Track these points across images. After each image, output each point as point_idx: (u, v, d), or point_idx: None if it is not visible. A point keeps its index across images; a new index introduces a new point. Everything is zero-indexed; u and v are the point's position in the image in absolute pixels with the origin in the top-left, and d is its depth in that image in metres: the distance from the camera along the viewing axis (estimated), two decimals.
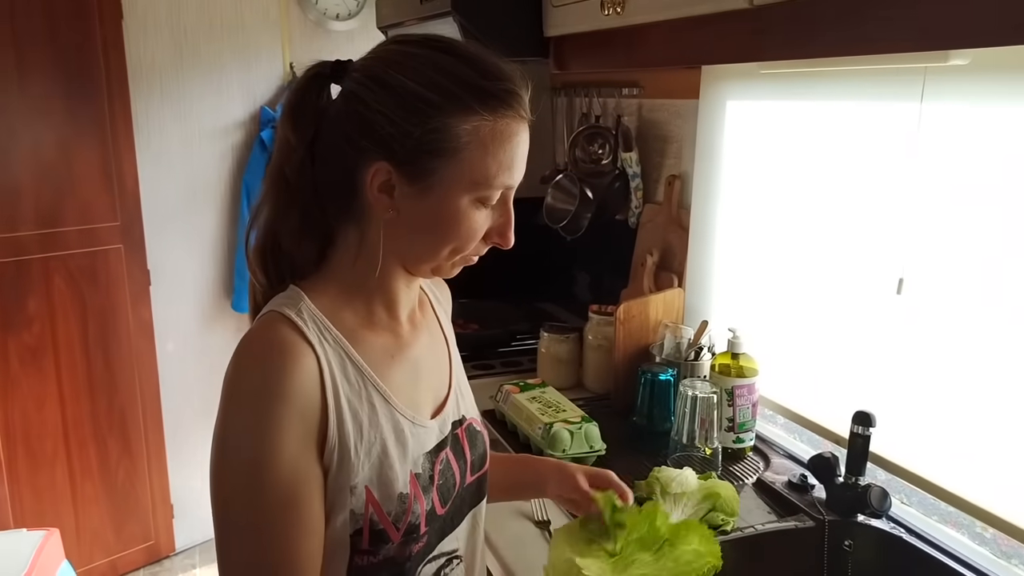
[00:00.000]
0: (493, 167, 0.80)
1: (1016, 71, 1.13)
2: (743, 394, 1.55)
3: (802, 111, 1.55)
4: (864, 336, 1.46)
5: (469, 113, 0.78)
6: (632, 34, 1.49)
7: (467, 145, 0.78)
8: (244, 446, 0.77)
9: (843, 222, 1.48)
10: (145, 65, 2.68)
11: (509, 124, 0.80)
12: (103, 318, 2.69)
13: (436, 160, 0.79)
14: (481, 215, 0.83)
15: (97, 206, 2.62)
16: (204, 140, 2.84)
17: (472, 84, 0.79)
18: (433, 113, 0.77)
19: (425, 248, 0.85)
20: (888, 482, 1.39)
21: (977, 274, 1.24)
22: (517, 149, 0.82)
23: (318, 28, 2.95)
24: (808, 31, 1.11)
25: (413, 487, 0.86)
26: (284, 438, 0.76)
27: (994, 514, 1.23)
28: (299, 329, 0.80)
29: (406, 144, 0.78)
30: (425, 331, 0.97)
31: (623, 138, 2.02)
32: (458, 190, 0.80)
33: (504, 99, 0.80)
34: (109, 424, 2.76)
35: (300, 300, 0.83)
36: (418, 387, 0.93)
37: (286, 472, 0.77)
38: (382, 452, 0.84)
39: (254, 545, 0.78)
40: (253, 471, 0.76)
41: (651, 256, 1.95)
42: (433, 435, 0.92)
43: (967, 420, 1.28)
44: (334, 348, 0.83)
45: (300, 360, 0.78)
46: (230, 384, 0.78)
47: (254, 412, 0.76)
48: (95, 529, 2.80)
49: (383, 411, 0.85)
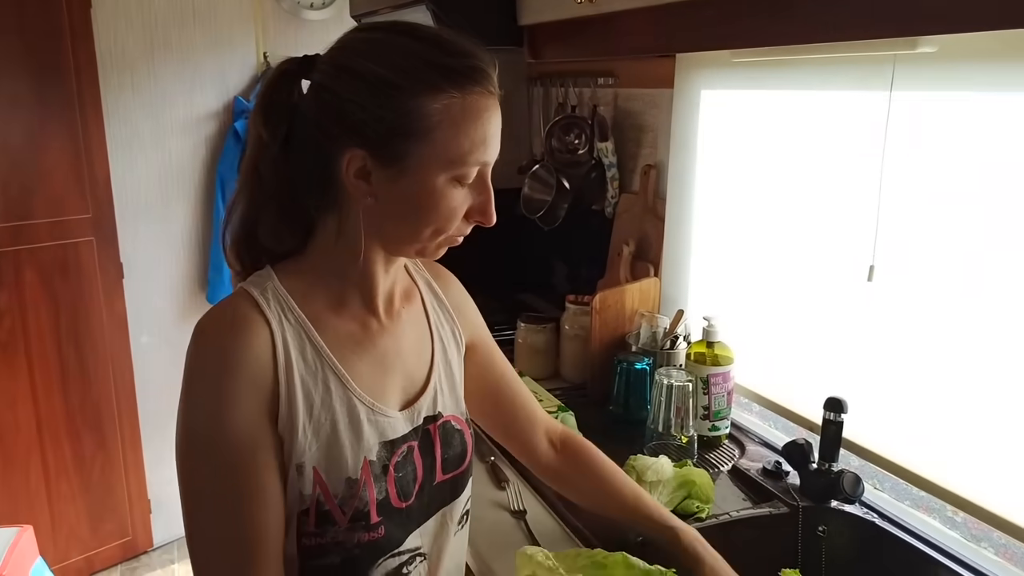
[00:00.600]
0: (466, 144, 0.80)
1: (983, 59, 1.13)
2: (718, 382, 1.56)
3: (774, 100, 1.55)
4: (836, 323, 1.47)
5: (437, 92, 0.79)
6: (605, 22, 1.49)
7: (439, 124, 0.79)
8: (199, 417, 0.80)
9: (815, 210, 1.49)
10: (115, 55, 2.63)
11: (478, 100, 0.81)
12: (75, 312, 2.65)
13: (409, 142, 0.79)
14: (459, 194, 0.83)
15: (68, 198, 2.58)
16: (177, 131, 2.80)
17: (438, 63, 0.79)
18: (402, 95, 0.78)
19: (406, 231, 0.85)
20: (861, 468, 1.41)
21: (946, 261, 1.25)
22: (489, 125, 0.82)
23: (292, 17, 2.92)
24: (779, 18, 1.11)
25: (365, 473, 0.87)
26: (237, 406, 0.79)
27: (964, 498, 1.24)
28: (258, 306, 0.83)
29: (378, 129, 0.79)
30: (407, 323, 0.97)
31: (599, 128, 2.01)
32: (434, 170, 0.81)
33: (470, 75, 0.80)
34: (83, 419, 2.73)
35: (268, 279, 0.86)
36: (385, 378, 0.92)
37: (240, 439, 0.79)
38: (332, 434, 0.85)
39: (214, 515, 0.80)
40: (208, 440, 0.79)
41: (627, 246, 1.96)
42: (398, 426, 0.91)
43: (938, 406, 1.29)
44: (294, 327, 0.84)
45: (252, 333, 0.81)
46: (187, 360, 0.82)
47: (207, 384, 0.80)
48: (71, 526, 2.77)
49: (338, 394, 0.86)
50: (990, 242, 1.19)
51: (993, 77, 1.14)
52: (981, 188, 1.19)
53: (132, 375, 2.83)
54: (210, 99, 2.84)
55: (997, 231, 1.17)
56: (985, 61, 1.13)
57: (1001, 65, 1.12)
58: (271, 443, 0.82)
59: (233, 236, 0.89)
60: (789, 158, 1.53)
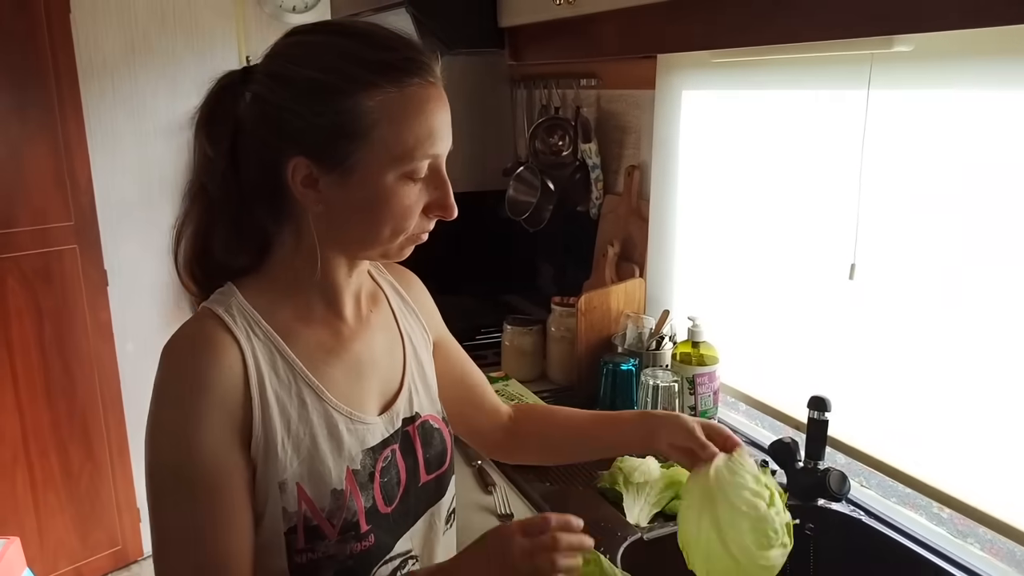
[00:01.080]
0: (410, 139, 0.78)
1: (958, 57, 1.14)
2: (704, 382, 1.56)
3: (754, 100, 1.55)
4: (819, 322, 1.47)
5: (371, 89, 0.76)
6: (586, 24, 1.49)
7: (378, 122, 0.77)
8: (167, 442, 0.78)
9: (796, 210, 1.49)
10: (96, 59, 2.61)
11: (417, 92, 0.78)
12: (59, 320, 2.63)
13: (350, 144, 0.77)
14: (412, 190, 0.81)
15: (50, 206, 2.55)
16: (159, 136, 2.78)
17: (369, 59, 0.77)
18: (335, 97, 0.76)
19: (363, 234, 0.83)
20: (847, 465, 1.41)
21: (927, 258, 1.26)
22: (433, 116, 0.79)
23: (274, 21, 2.90)
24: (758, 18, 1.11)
25: (350, 483, 0.85)
26: (205, 430, 0.77)
27: (949, 494, 1.25)
28: (225, 324, 0.81)
29: (317, 134, 0.78)
30: (376, 326, 0.96)
31: (582, 129, 2.01)
32: (381, 169, 0.78)
33: (404, 67, 0.78)
34: (70, 428, 2.70)
35: (232, 296, 0.84)
36: (361, 383, 0.91)
37: (208, 464, 0.77)
38: (312, 447, 0.84)
39: (181, 541, 0.78)
40: (176, 465, 0.77)
41: (612, 247, 1.96)
42: (377, 431, 0.91)
43: (922, 403, 1.30)
44: (264, 343, 0.83)
45: (222, 353, 0.79)
46: (156, 381, 0.80)
47: (175, 406, 0.78)
48: (59, 536, 2.74)
49: (315, 407, 0.85)
50: (970, 240, 1.19)
51: (969, 75, 1.14)
52: (960, 186, 1.19)
53: (118, 383, 2.80)
54: (192, 104, 2.73)
55: (977, 229, 1.18)
56: (961, 59, 1.14)
57: (977, 63, 1.12)
58: (241, 466, 0.80)
59: (186, 256, 0.87)
60: (770, 158, 1.54)
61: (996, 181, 1.14)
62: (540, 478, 1.44)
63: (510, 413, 1.17)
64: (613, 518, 1.31)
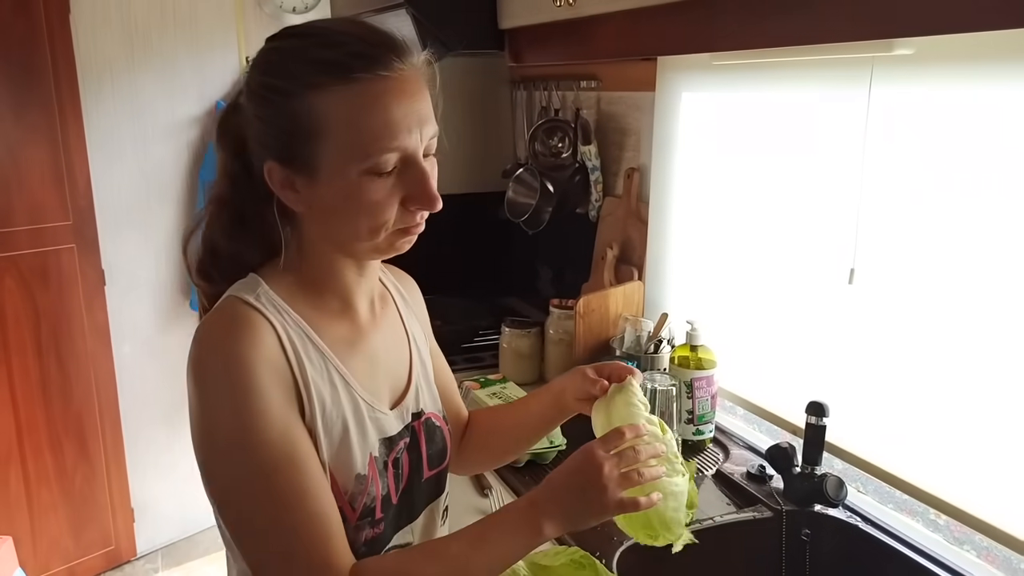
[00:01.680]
0: (366, 134, 0.77)
1: (960, 61, 1.14)
2: (702, 386, 1.55)
3: (754, 103, 1.55)
4: (818, 327, 1.47)
5: (317, 88, 0.76)
6: (586, 26, 1.48)
7: (330, 120, 0.77)
8: (227, 420, 0.77)
9: (796, 214, 1.48)
10: (95, 59, 2.60)
11: (368, 86, 0.77)
12: (56, 320, 2.62)
13: (309, 144, 0.78)
14: (381, 185, 0.79)
15: (48, 205, 2.54)
16: (158, 136, 2.77)
17: (315, 58, 0.77)
18: (288, 99, 0.77)
19: (345, 231, 0.83)
20: (844, 471, 1.40)
21: (926, 263, 1.25)
22: (390, 109, 0.77)
23: (274, 21, 2.90)
24: (758, 21, 1.11)
25: (371, 469, 0.87)
26: (265, 401, 0.77)
27: (946, 501, 1.24)
28: (255, 307, 0.81)
29: (278, 137, 0.79)
30: (385, 325, 0.97)
31: (582, 131, 2.01)
32: (342, 167, 0.78)
33: (351, 63, 0.76)
34: (65, 428, 2.69)
35: (258, 285, 0.84)
36: (376, 377, 0.93)
37: (277, 434, 0.77)
38: (343, 432, 0.85)
39: (270, 515, 0.76)
40: (243, 442, 0.76)
41: (611, 249, 1.95)
42: (392, 423, 0.92)
43: (920, 409, 1.29)
44: (294, 329, 0.83)
45: (263, 332, 0.79)
46: (196, 366, 0.79)
47: (228, 385, 0.76)
48: (52, 536, 2.73)
49: (344, 392, 0.86)
50: (970, 244, 1.19)
51: (970, 79, 1.14)
52: (961, 191, 1.19)
53: (115, 384, 2.79)
54: (192, 104, 2.81)
55: (978, 234, 1.17)
56: (962, 63, 1.13)
57: (978, 66, 1.12)
58: (306, 433, 0.80)
59: (198, 258, 0.90)
60: (770, 162, 1.53)
61: (997, 186, 1.13)
62: (536, 481, 1.43)
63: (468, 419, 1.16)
64: (608, 523, 1.30)
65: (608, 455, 0.81)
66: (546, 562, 1.05)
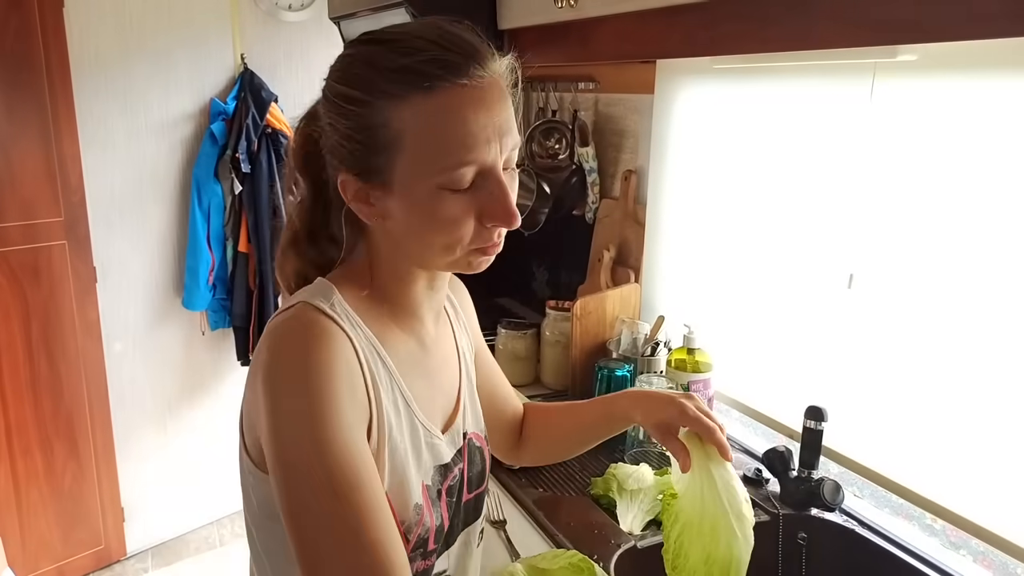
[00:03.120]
0: (441, 148, 0.72)
1: (963, 67, 1.14)
2: (699, 389, 1.55)
3: (754, 106, 1.55)
4: (816, 331, 1.47)
5: (394, 99, 0.72)
6: (586, 27, 1.48)
7: (406, 132, 0.72)
8: (301, 434, 0.71)
9: (795, 218, 1.49)
10: (88, 55, 2.59)
11: (447, 97, 0.72)
12: (47, 317, 2.60)
13: (384, 156, 0.74)
14: (457, 201, 0.74)
15: (39, 201, 2.52)
16: (152, 133, 2.75)
17: (392, 66, 0.73)
18: (364, 109, 0.74)
19: (419, 246, 0.80)
20: (841, 475, 1.41)
21: (925, 268, 1.26)
22: (469, 121, 0.72)
23: (269, 18, 2.89)
24: (759, 25, 1.11)
25: (425, 499, 0.83)
26: (345, 416, 0.72)
27: (942, 506, 1.25)
28: (332, 318, 0.76)
29: (353, 149, 0.76)
30: (441, 340, 0.93)
31: (579, 133, 2.01)
32: (417, 181, 0.74)
33: (430, 71, 0.71)
34: (55, 427, 2.67)
35: (332, 293, 0.80)
36: (434, 399, 0.89)
37: (354, 451, 0.72)
38: (403, 458, 0.81)
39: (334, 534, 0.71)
40: (317, 456, 0.71)
41: (608, 251, 1.95)
42: (445, 451, 0.88)
43: (918, 414, 1.29)
44: (367, 345, 0.79)
45: (342, 343, 0.75)
46: (271, 371, 0.73)
47: (308, 395, 0.71)
48: (41, 535, 2.71)
49: (406, 416, 0.82)
50: (969, 251, 1.19)
51: (973, 86, 1.14)
52: (962, 197, 1.19)
53: (105, 382, 2.77)
54: (186, 101, 2.80)
55: (978, 241, 1.18)
56: (965, 70, 1.14)
57: (981, 74, 1.12)
58: (370, 454, 0.75)
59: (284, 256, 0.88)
60: (770, 166, 1.53)
61: (998, 192, 1.14)
62: (533, 484, 1.43)
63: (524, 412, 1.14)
64: (606, 525, 1.30)
65: None
66: (544, 565, 1.04)
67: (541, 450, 1.13)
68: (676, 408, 0.89)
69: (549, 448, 1.12)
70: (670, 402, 0.90)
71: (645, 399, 0.94)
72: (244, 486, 0.84)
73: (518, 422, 1.12)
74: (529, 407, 1.14)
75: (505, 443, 1.13)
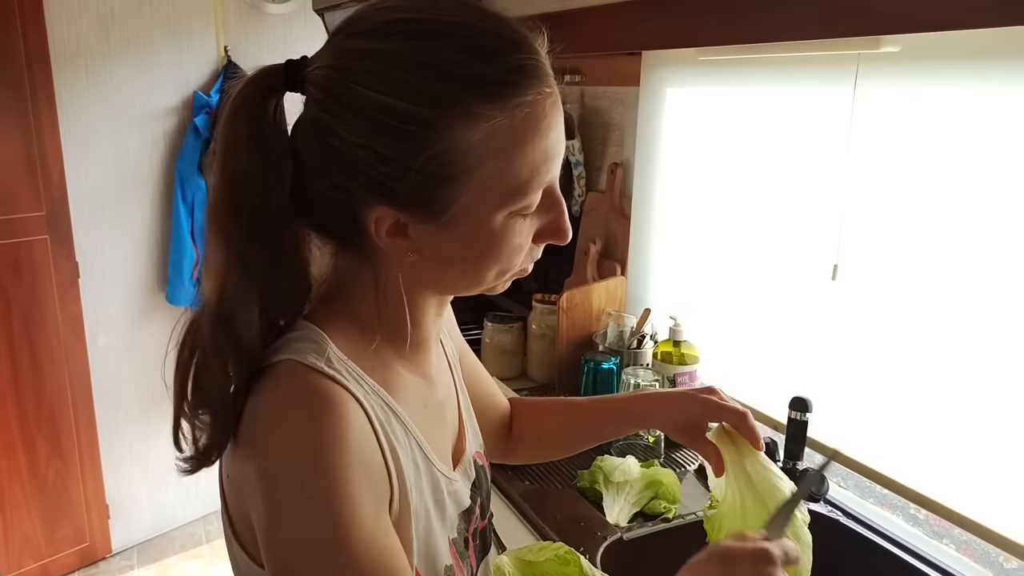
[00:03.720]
0: (525, 171, 0.61)
1: (946, 58, 1.14)
2: (685, 381, 1.56)
3: (739, 99, 1.55)
4: (800, 322, 1.47)
5: (474, 119, 0.59)
6: (572, 18, 1.47)
7: (484, 158, 0.60)
8: (312, 536, 0.59)
9: (780, 210, 1.49)
10: (69, 47, 2.55)
11: (533, 111, 0.60)
12: (28, 313, 2.57)
13: (449, 188, 0.60)
14: (525, 225, 0.65)
15: (20, 195, 2.49)
16: (134, 126, 2.73)
17: (468, 76, 0.59)
18: (428, 134, 0.58)
19: (463, 278, 0.69)
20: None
21: (909, 260, 1.26)
22: (549, 135, 0.62)
23: (253, 10, 2.86)
24: (744, 16, 1.10)
25: (454, 556, 0.74)
26: (361, 507, 0.60)
27: (926, 495, 1.25)
28: (335, 380, 0.63)
29: (406, 181, 0.60)
30: (440, 365, 0.83)
31: (565, 126, 2.00)
32: (489, 210, 0.62)
33: (516, 83, 0.60)
34: (38, 423, 2.65)
35: (325, 346, 0.65)
36: (445, 438, 0.79)
37: (370, 552, 0.60)
38: (427, 522, 0.70)
39: None
40: (332, 564, 0.59)
41: (594, 245, 1.95)
42: (463, 491, 0.78)
43: (901, 404, 1.30)
44: (377, 402, 0.67)
45: (350, 413, 0.61)
46: (268, 459, 0.60)
47: (314, 493, 0.58)
48: (24, 533, 2.68)
49: (425, 471, 0.71)
50: (954, 243, 1.20)
51: (956, 76, 1.15)
52: (946, 188, 1.19)
53: (88, 378, 2.75)
54: (168, 93, 2.77)
55: (961, 232, 1.18)
56: (948, 60, 1.14)
57: (964, 64, 1.13)
58: (397, 540, 0.64)
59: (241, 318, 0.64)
60: (754, 157, 1.53)
61: (982, 183, 1.14)
62: (520, 477, 1.43)
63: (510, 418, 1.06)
64: (592, 517, 1.30)
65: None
66: (531, 558, 1.04)
67: (534, 449, 1.06)
68: (700, 404, 0.82)
69: (543, 448, 1.05)
70: (691, 400, 0.83)
71: (662, 400, 0.87)
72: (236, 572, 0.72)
73: (505, 419, 1.06)
74: (517, 403, 1.05)
75: (492, 442, 1.04)
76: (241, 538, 0.67)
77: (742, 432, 0.79)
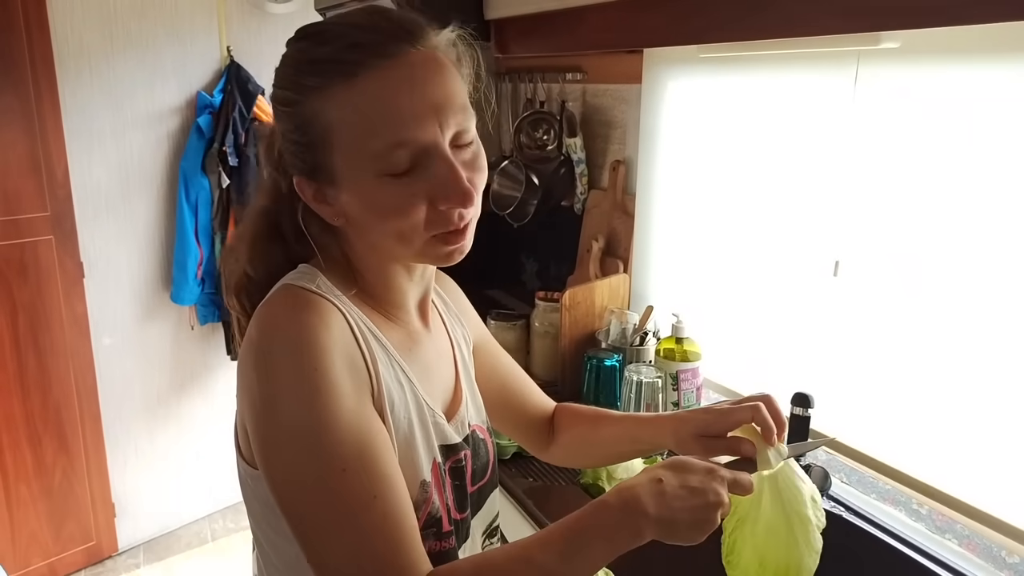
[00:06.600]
0: (371, 133, 0.70)
1: (946, 54, 1.14)
2: (687, 378, 1.56)
3: (740, 96, 1.55)
4: (803, 318, 1.47)
5: (316, 91, 0.71)
6: (572, 16, 1.47)
7: (334, 124, 0.71)
8: (297, 412, 0.68)
9: (781, 207, 1.49)
10: (73, 46, 2.56)
11: (368, 80, 0.69)
12: (34, 313, 2.58)
13: (321, 153, 0.73)
14: (400, 186, 0.72)
15: (25, 195, 2.50)
16: (138, 126, 2.73)
17: (312, 59, 0.72)
18: (295, 108, 0.73)
19: (381, 239, 0.77)
20: (828, 462, 1.41)
21: (910, 255, 1.26)
22: (393, 100, 0.69)
23: (255, 10, 2.86)
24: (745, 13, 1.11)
25: (435, 476, 0.81)
26: (340, 389, 0.70)
27: (929, 485, 1.26)
28: (321, 295, 0.75)
29: (295, 150, 0.75)
30: (435, 331, 0.92)
31: (567, 124, 2.01)
32: (356, 172, 0.72)
33: (346, 58, 0.70)
34: (44, 423, 2.66)
35: (316, 276, 0.78)
36: (434, 386, 0.87)
37: (352, 426, 0.69)
38: (409, 433, 0.79)
39: (335, 514, 0.68)
40: (315, 435, 0.68)
41: (597, 242, 1.95)
42: (451, 434, 0.86)
43: (904, 399, 1.30)
44: (360, 321, 0.77)
45: (331, 315, 0.73)
46: (259, 353, 0.70)
47: (299, 371, 0.68)
48: (31, 532, 2.70)
49: (409, 391, 0.80)
50: (954, 237, 1.20)
51: (956, 72, 1.15)
52: (947, 183, 1.20)
53: (94, 377, 2.76)
54: (172, 93, 2.77)
55: (962, 226, 1.18)
56: (948, 56, 1.14)
57: (964, 60, 1.13)
58: (381, 427, 0.73)
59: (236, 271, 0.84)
60: (755, 154, 1.54)
61: (982, 178, 1.14)
62: (523, 474, 1.43)
63: (552, 420, 1.09)
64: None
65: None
66: None
67: (575, 455, 1.08)
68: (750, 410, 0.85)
69: (586, 455, 1.08)
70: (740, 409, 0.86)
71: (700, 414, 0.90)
72: (247, 497, 0.81)
73: (545, 419, 1.08)
74: (565, 409, 1.09)
75: (530, 439, 1.09)
76: (246, 456, 0.78)
77: (757, 423, 0.85)
